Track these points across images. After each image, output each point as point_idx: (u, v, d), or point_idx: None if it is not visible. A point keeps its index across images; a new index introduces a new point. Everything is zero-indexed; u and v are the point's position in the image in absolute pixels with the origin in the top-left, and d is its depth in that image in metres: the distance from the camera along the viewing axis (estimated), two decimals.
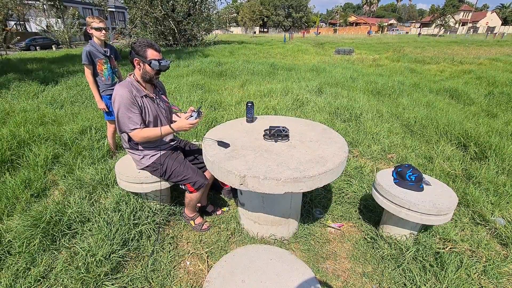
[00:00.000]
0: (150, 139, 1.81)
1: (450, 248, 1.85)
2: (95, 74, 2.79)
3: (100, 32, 2.70)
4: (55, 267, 1.68)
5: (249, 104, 2.16)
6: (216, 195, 2.52)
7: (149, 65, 1.71)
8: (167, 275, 1.70)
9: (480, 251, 1.86)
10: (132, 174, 1.97)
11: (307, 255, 1.88)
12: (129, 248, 1.82)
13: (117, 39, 18.22)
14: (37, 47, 20.40)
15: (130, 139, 1.88)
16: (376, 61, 11.11)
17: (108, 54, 2.82)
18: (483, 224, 2.14)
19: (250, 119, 2.21)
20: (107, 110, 2.90)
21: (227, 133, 1.99)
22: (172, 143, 2.07)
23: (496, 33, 40.83)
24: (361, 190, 2.51)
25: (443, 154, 3.15)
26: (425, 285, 1.61)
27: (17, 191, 2.35)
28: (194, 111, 1.77)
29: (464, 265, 1.69)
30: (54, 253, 1.78)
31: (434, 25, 52.60)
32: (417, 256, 1.77)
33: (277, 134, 1.85)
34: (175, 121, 2.12)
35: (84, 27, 2.73)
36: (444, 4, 48.45)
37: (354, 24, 73.80)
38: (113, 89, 2.86)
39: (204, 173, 2.01)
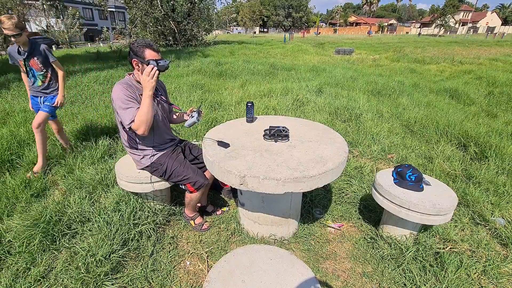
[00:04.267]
0: (147, 119, 1.67)
1: (450, 248, 1.85)
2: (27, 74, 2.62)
3: (11, 38, 2.35)
4: (55, 267, 1.68)
5: (249, 104, 2.16)
6: (216, 195, 2.52)
7: (147, 65, 1.70)
8: (167, 275, 1.70)
9: (480, 251, 1.85)
10: (132, 174, 1.97)
11: (307, 255, 1.88)
12: (129, 248, 1.82)
13: (117, 39, 18.21)
14: None
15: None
16: (376, 61, 11.12)
17: (24, 56, 2.48)
18: (483, 224, 2.14)
19: (250, 119, 2.21)
20: (31, 109, 2.84)
21: (227, 133, 1.98)
22: (172, 143, 2.07)
23: (496, 33, 40.82)
24: (361, 190, 2.51)
25: (443, 154, 3.15)
26: (425, 285, 1.61)
27: (17, 191, 2.35)
28: (194, 111, 1.79)
29: (464, 265, 1.69)
30: (54, 253, 1.78)
31: (434, 25, 52.62)
32: (417, 256, 1.77)
33: (277, 134, 1.85)
34: (175, 120, 2.13)
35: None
36: (444, 4, 48.45)
37: (354, 24, 73.86)
38: (38, 92, 2.69)
39: (204, 173, 2.01)
